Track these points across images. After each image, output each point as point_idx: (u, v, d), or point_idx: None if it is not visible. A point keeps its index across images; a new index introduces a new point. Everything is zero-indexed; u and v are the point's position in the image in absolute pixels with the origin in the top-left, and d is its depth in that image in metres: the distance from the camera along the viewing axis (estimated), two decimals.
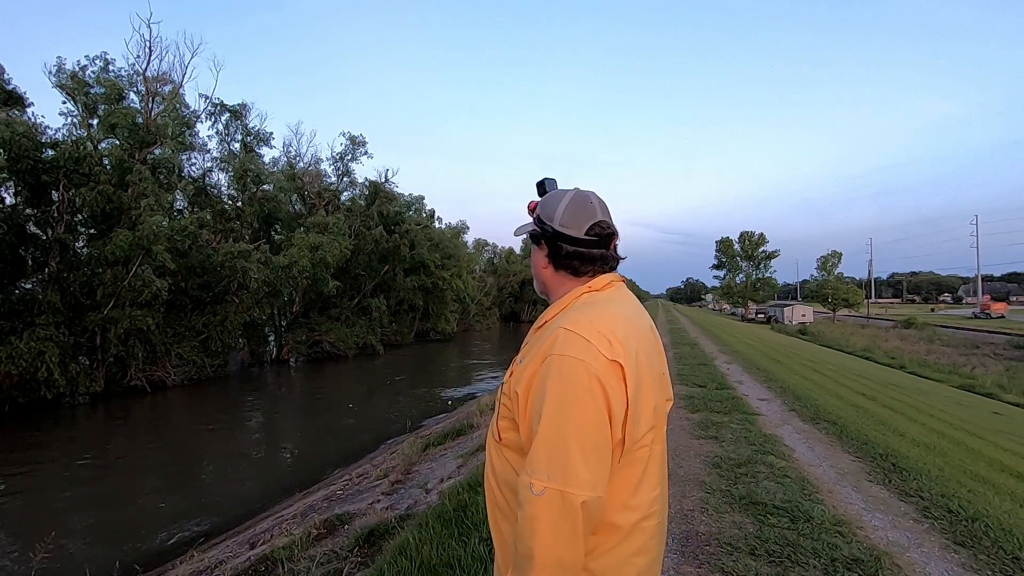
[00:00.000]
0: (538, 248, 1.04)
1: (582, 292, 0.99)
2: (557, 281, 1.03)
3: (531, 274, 1.11)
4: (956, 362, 19.89)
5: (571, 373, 0.83)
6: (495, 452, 0.98)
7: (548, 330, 0.92)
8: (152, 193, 14.29)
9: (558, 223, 0.99)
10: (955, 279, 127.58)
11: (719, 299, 75.83)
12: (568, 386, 0.82)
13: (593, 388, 0.82)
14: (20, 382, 11.61)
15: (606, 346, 0.86)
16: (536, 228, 1.02)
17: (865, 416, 6.00)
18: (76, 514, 6.60)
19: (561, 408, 0.81)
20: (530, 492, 0.80)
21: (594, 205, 1.00)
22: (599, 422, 0.82)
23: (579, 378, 0.83)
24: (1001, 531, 2.81)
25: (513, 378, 0.93)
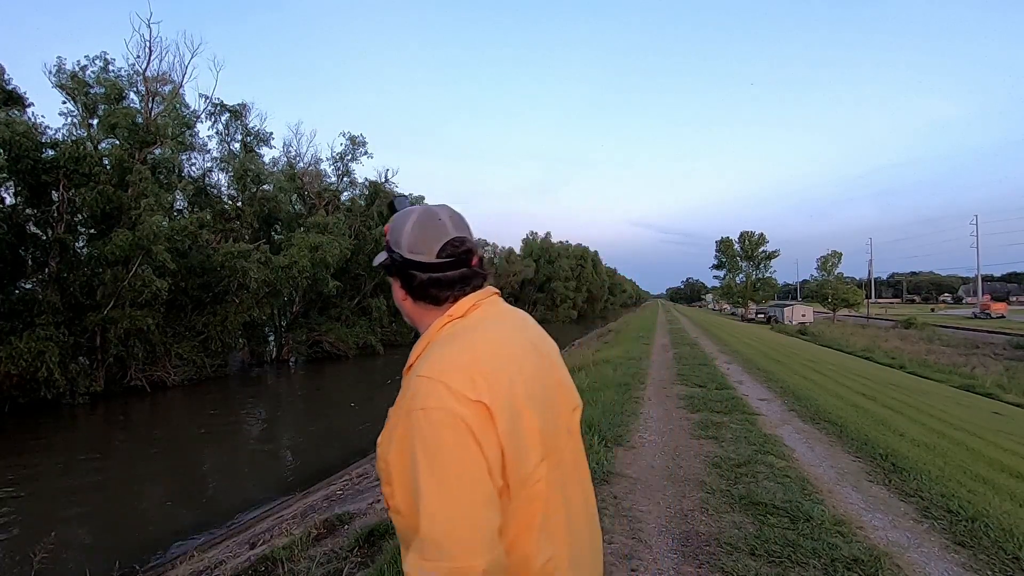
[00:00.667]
0: (394, 280, 0.92)
1: (443, 323, 0.87)
2: (419, 313, 0.91)
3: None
4: (956, 362, 19.90)
5: (436, 428, 0.72)
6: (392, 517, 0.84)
7: (409, 377, 0.81)
8: (152, 193, 14.29)
9: (406, 249, 0.88)
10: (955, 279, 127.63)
11: (719, 299, 75.85)
12: (436, 445, 0.71)
13: (463, 440, 0.72)
14: (20, 382, 11.61)
15: (468, 386, 0.75)
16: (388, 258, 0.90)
17: (865, 416, 6.00)
18: (76, 514, 6.60)
19: (435, 472, 0.70)
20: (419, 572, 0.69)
21: (444, 222, 0.89)
22: (479, 476, 0.72)
23: (445, 432, 0.72)
24: (1001, 531, 2.81)
25: (383, 441, 0.80)
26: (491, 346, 0.82)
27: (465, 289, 0.89)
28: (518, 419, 0.77)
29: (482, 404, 0.75)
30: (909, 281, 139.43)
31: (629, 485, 3.51)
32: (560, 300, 57.55)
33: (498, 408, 0.75)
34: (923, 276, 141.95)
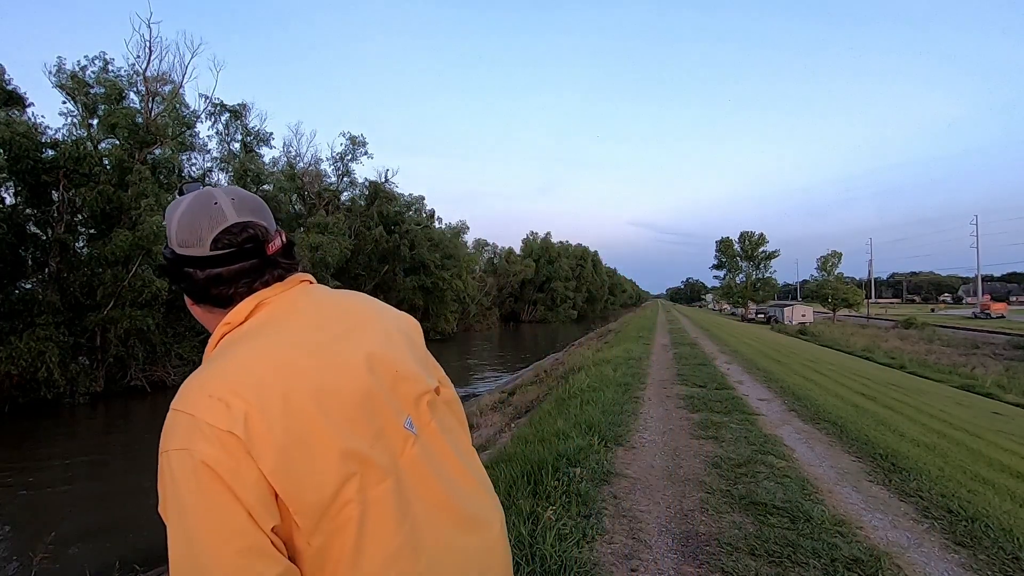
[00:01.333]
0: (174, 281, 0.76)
1: (220, 335, 0.72)
2: (209, 319, 0.76)
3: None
4: (956, 362, 19.91)
5: (177, 473, 0.59)
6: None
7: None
8: (152, 193, 14.29)
9: (176, 243, 0.73)
10: (955, 279, 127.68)
11: (719, 299, 75.89)
12: (178, 493, 0.59)
13: (206, 487, 0.59)
14: (20, 382, 11.62)
15: (219, 415, 0.61)
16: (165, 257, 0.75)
17: (865, 416, 6.00)
18: (76, 514, 6.60)
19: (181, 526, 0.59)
20: None
21: (220, 206, 0.73)
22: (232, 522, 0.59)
23: (185, 476, 0.59)
24: (1001, 531, 2.81)
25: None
26: (266, 357, 0.67)
27: (257, 284, 0.74)
28: (299, 443, 0.63)
29: (233, 436, 0.60)
30: (909, 281, 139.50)
31: (629, 485, 3.51)
32: (560, 300, 57.57)
33: (259, 436, 0.61)
34: (923, 276, 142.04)
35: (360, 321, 0.79)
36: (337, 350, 0.72)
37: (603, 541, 2.67)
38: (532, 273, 52.84)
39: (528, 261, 53.33)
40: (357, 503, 0.66)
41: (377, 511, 0.67)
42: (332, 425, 0.66)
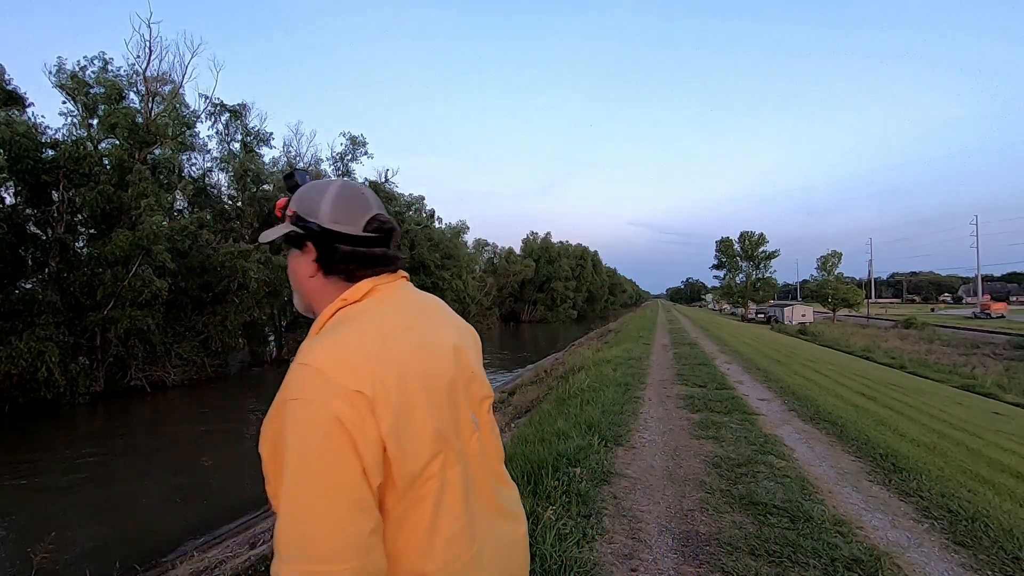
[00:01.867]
0: (300, 253, 0.85)
1: (336, 308, 0.80)
2: (326, 291, 0.84)
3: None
4: (956, 362, 19.90)
5: (305, 421, 0.66)
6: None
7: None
8: (152, 193, 14.29)
9: (328, 220, 0.82)
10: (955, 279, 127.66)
11: (719, 299, 75.88)
12: (304, 438, 0.66)
13: (335, 437, 0.66)
14: (20, 382, 11.61)
15: (348, 374, 0.69)
16: (295, 229, 0.83)
17: (865, 416, 6.00)
18: (76, 514, 6.60)
19: (300, 469, 0.65)
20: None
21: (367, 197, 0.85)
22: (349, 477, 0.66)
23: (315, 425, 0.66)
24: (1001, 531, 2.81)
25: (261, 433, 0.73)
26: (383, 333, 0.76)
27: (379, 269, 0.84)
28: (407, 414, 0.72)
29: (362, 395, 0.69)
30: (909, 281, 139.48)
31: (629, 485, 3.51)
32: (560, 300, 57.55)
33: (381, 400, 0.69)
34: (923, 276, 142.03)
35: (445, 318, 0.90)
36: (434, 340, 0.82)
37: (603, 541, 2.67)
38: (532, 273, 52.84)
39: (528, 261, 53.34)
40: (438, 479, 0.74)
41: (451, 491, 0.76)
42: (430, 404, 0.75)
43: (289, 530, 0.65)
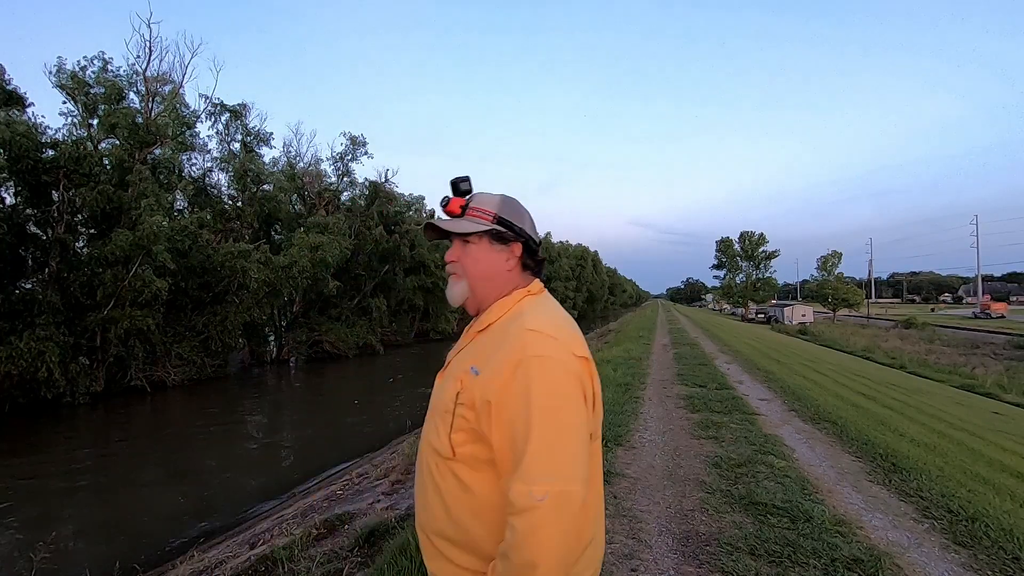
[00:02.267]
0: (502, 248, 1.01)
1: (523, 295, 1.00)
2: (512, 282, 1.02)
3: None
4: (956, 362, 19.88)
5: (553, 374, 0.84)
6: (444, 470, 0.93)
7: (506, 334, 0.91)
8: (152, 193, 14.28)
9: (529, 229, 1.03)
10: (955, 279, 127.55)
11: (719, 299, 75.84)
12: (553, 387, 0.83)
13: (573, 386, 0.85)
14: (20, 382, 11.60)
15: (575, 344, 0.90)
16: (500, 228, 1.00)
17: (865, 416, 6.00)
18: (76, 514, 6.60)
19: (551, 410, 0.82)
20: (530, 499, 0.77)
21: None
22: (583, 420, 0.85)
23: (560, 378, 0.84)
24: (1001, 531, 2.81)
25: (476, 387, 0.88)
26: (571, 321, 0.98)
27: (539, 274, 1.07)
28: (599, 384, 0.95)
29: (588, 361, 0.91)
30: (909, 281, 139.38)
31: (629, 485, 3.51)
32: (560, 300, 57.21)
33: (594, 369, 0.92)
34: (923, 276, 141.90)
35: None
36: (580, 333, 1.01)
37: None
38: None
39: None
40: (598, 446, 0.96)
41: (595, 461, 0.94)
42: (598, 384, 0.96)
43: (543, 456, 0.80)
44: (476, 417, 0.87)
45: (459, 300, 1.04)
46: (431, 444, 0.95)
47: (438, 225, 1.04)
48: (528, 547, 0.78)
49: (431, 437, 0.96)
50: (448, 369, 1.02)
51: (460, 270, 1.03)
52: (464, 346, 1.01)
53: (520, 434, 0.82)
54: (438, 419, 0.94)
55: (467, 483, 0.90)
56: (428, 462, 0.97)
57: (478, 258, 1.01)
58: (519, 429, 0.82)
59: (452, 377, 0.95)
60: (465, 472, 0.90)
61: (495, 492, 0.88)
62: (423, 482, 0.98)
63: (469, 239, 1.01)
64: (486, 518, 0.89)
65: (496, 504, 0.88)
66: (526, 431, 0.81)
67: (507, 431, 0.84)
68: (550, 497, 0.78)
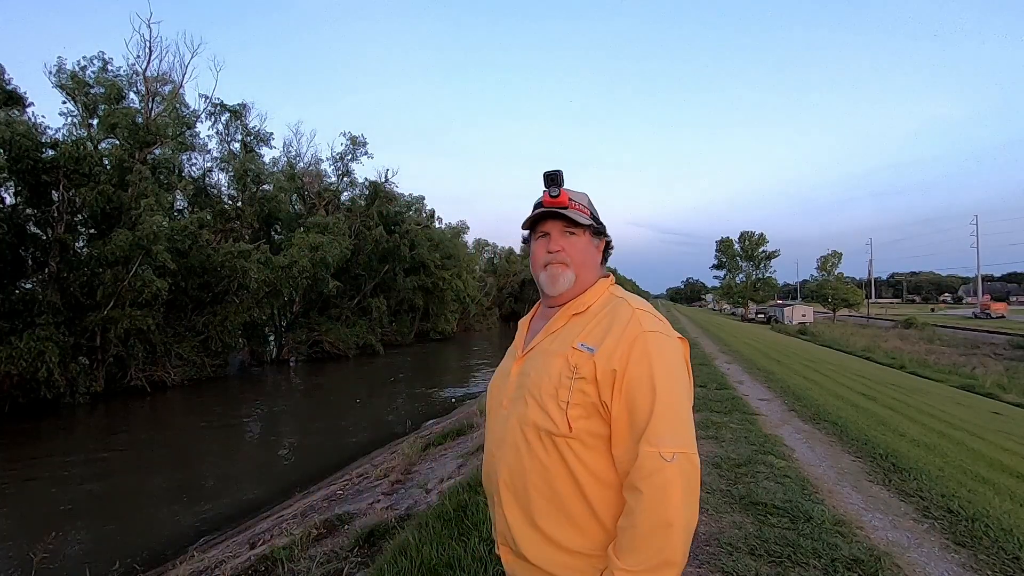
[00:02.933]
0: (598, 241, 1.11)
1: (609, 284, 1.09)
2: (598, 272, 1.10)
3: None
4: (956, 362, 19.89)
5: (669, 348, 0.93)
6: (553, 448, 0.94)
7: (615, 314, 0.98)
8: (152, 193, 14.28)
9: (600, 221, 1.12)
10: (955, 279, 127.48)
11: (719, 299, 75.86)
12: (671, 359, 0.92)
13: (683, 361, 0.95)
14: (20, 382, 11.60)
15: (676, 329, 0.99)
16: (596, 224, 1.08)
17: (865, 416, 6.00)
18: (76, 514, 6.59)
19: (672, 379, 0.89)
20: (660, 460, 0.82)
21: None
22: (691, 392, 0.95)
23: (676, 352, 0.94)
24: (1001, 531, 2.81)
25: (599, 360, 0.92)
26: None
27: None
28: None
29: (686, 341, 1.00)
30: (909, 281, 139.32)
31: None
32: None
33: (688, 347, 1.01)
34: (923, 276, 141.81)
35: None
36: None
37: None
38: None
39: (528, 261, 53.13)
40: None
41: None
42: None
43: (668, 420, 0.86)
44: (596, 390, 0.91)
45: (565, 289, 1.06)
46: (535, 424, 0.96)
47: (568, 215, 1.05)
48: (661, 507, 0.81)
49: (535, 417, 0.96)
50: (536, 353, 1.05)
51: (567, 259, 1.06)
52: (557, 328, 1.04)
53: (644, 400, 0.87)
54: (545, 398, 0.95)
55: (580, 460, 0.92)
56: (529, 443, 0.96)
57: (584, 249, 1.07)
58: (643, 395, 0.87)
59: (553, 355, 0.99)
60: (579, 448, 0.92)
61: (609, 469, 0.92)
62: (520, 467, 0.97)
63: (575, 231, 1.07)
64: (598, 496, 0.92)
65: (610, 481, 0.92)
66: (651, 397, 0.87)
67: (628, 398, 0.89)
68: (678, 459, 0.83)
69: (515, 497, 0.98)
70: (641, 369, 0.89)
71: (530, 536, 0.96)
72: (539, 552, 0.95)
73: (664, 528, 0.80)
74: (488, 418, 1.14)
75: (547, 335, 1.05)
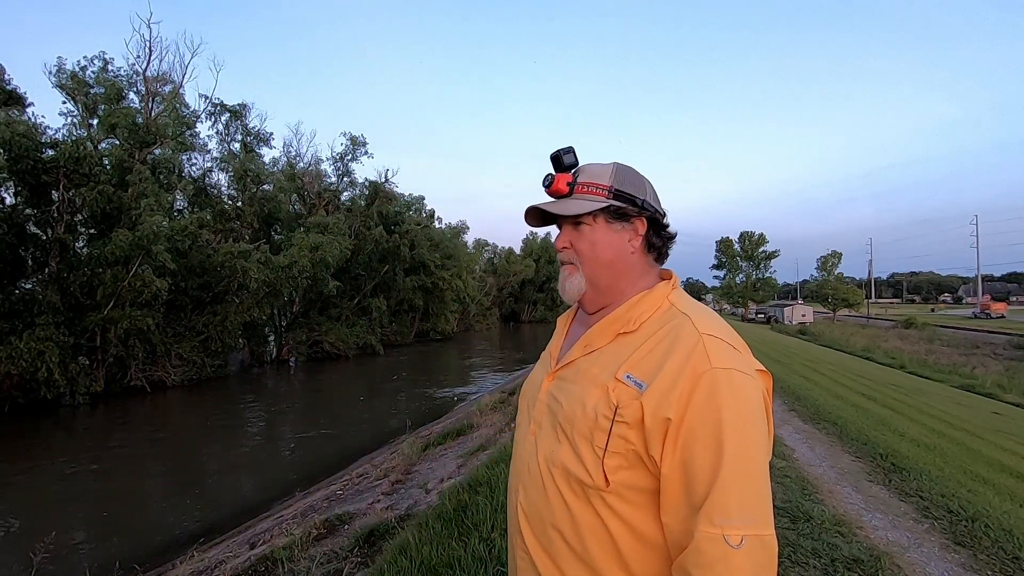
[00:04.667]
0: (623, 227, 0.84)
1: (671, 288, 0.84)
2: (640, 266, 0.86)
3: (530, 274, 0.95)
4: (956, 362, 19.88)
5: (744, 392, 0.69)
6: (584, 500, 0.75)
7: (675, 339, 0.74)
8: (152, 193, 14.28)
9: (654, 201, 0.85)
10: (955, 279, 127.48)
11: (719, 299, 75.90)
12: (746, 408, 0.68)
13: (762, 408, 0.71)
14: (20, 382, 11.60)
15: (750, 355, 0.75)
16: (618, 203, 0.83)
17: (865, 416, 6.00)
18: (76, 514, 6.59)
19: (744, 436, 0.66)
20: (724, 546, 0.63)
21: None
22: (769, 446, 0.71)
23: (752, 398, 0.69)
24: (1001, 531, 2.81)
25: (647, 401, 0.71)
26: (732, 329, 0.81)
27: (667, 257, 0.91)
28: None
29: (768, 375, 0.75)
30: (909, 281, 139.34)
31: None
32: (560, 300, 57.42)
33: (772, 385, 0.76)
34: (923, 276, 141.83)
35: None
36: None
37: None
38: (532, 273, 52.73)
39: (528, 261, 53.23)
40: None
41: None
42: None
43: (736, 492, 0.65)
44: (643, 439, 0.71)
45: (575, 295, 0.87)
46: (564, 467, 0.77)
47: (543, 208, 0.87)
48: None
49: (565, 459, 0.77)
50: (571, 372, 0.84)
51: (574, 258, 0.86)
52: (600, 347, 0.82)
53: (705, 462, 0.66)
54: (578, 438, 0.76)
55: (618, 516, 0.73)
56: (558, 487, 0.78)
57: (596, 241, 0.84)
58: (704, 456, 0.66)
59: (591, 384, 0.78)
60: (616, 503, 0.73)
61: (655, 527, 0.72)
62: (545, 508, 0.79)
63: (583, 220, 0.84)
64: (639, 560, 0.73)
65: (656, 543, 0.72)
66: (714, 459, 0.66)
67: (685, 456, 0.68)
68: (747, 543, 0.63)
69: (540, 540, 0.81)
70: (703, 420, 0.67)
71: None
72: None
73: None
74: (517, 430, 0.94)
75: (586, 351, 0.84)
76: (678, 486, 0.69)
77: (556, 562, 0.78)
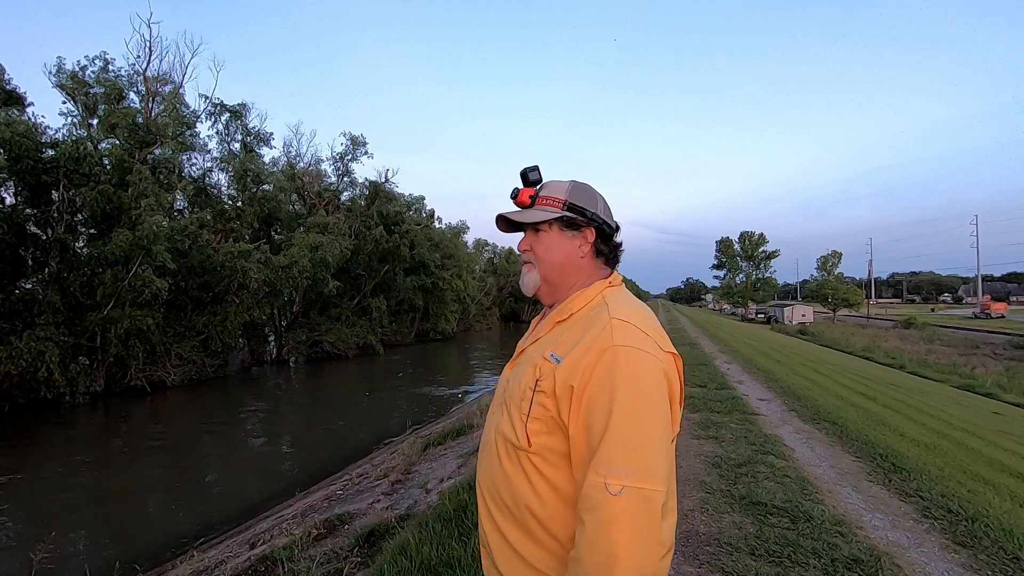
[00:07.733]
0: (574, 235, 0.99)
1: (606, 286, 0.98)
2: (588, 270, 1.01)
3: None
4: (956, 362, 19.88)
5: (640, 365, 0.81)
6: (516, 461, 0.89)
7: (592, 322, 0.88)
8: (152, 193, 14.28)
9: (603, 214, 1.00)
10: (955, 279, 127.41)
11: (719, 299, 75.84)
12: (640, 378, 0.79)
13: (660, 380, 0.82)
14: (20, 382, 11.61)
15: (662, 338, 0.88)
16: (570, 214, 0.98)
17: (865, 416, 6.00)
18: (76, 514, 6.59)
19: (635, 401, 0.78)
20: (605, 492, 0.73)
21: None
22: (667, 415, 0.81)
23: (648, 370, 0.81)
24: (1001, 531, 2.81)
25: (559, 373, 0.85)
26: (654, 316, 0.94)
27: (616, 264, 1.05)
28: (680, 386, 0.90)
29: (676, 358, 0.89)
30: (909, 281, 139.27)
31: None
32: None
33: (680, 368, 0.90)
34: (923, 276, 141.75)
35: None
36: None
37: None
38: None
39: None
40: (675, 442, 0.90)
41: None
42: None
43: (621, 448, 0.76)
44: (556, 405, 0.84)
45: (532, 289, 1.03)
46: (503, 434, 0.92)
47: (509, 217, 1.02)
48: (601, 545, 0.72)
49: (503, 427, 0.92)
50: (522, 358, 1.00)
51: (533, 259, 1.02)
52: (541, 336, 0.98)
53: (599, 422, 0.78)
54: (512, 408, 0.91)
55: (542, 475, 0.86)
56: (499, 453, 0.93)
57: (550, 246, 1.00)
58: (598, 417, 0.78)
59: (528, 364, 0.93)
60: (540, 464, 0.86)
61: (570, 487, 0.84)
62: (494, 475, 0.94)
63: (540, 228, 1.00)
64: (559, 515, 0.85)
65: (570, 499, 0.84)
66: (605, 419, 0.77)
67: (585, 418, 0.80)
68: (626, 492, 0.73)
69: (492, 504, 0.94)
70: (600, 387, 0.79)
71: (502, 547, 0.92)
72: (509, 566, 0.91)
73: (606, 569, 0.71)
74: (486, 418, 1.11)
75: (531, 343, 1.00)
76: (582, 444, 0.81)
77: (498, 523, 0.92)
